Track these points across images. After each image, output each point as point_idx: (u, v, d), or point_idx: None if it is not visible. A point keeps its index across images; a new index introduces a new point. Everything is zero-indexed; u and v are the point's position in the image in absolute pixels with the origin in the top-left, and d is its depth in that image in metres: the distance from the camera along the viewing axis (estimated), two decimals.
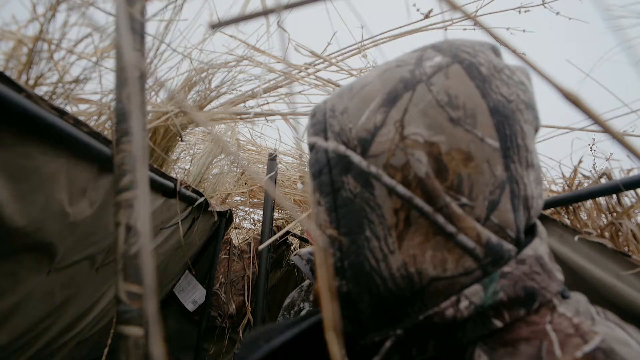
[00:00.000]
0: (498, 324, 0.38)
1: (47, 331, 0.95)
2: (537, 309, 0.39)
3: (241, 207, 2.09)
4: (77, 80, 0.65)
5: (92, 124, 0.72)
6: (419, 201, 0.40)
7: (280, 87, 1.14)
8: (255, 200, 1.92)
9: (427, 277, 0.40)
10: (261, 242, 1.27)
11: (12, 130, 0.58)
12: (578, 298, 0.41)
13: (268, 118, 1.12)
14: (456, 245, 0.40)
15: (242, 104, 1.12)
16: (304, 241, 2.16)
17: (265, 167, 1.90)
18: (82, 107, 0.75)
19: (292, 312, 1.46)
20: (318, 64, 1.11)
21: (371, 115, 0.43)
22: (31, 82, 0.62)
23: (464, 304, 0.38)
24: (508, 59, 0.49)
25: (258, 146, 1.84)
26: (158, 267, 1.42)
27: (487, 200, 0.40)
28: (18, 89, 0.54)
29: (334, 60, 1.10)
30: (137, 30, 0.45)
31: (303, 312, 1.40)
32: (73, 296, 0.96)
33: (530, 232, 0.44)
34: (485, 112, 0.40)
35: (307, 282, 1.53)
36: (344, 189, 0.44)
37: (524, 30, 1.07)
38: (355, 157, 0.43)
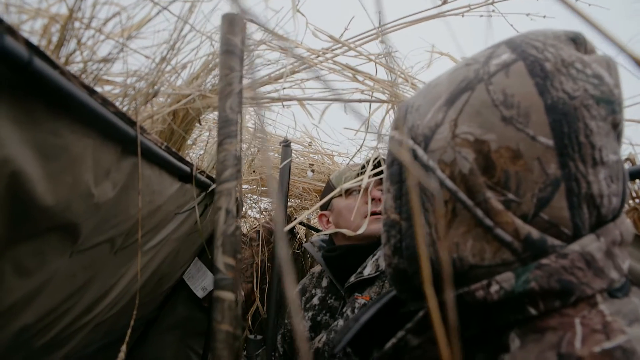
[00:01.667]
0: (532, 311, 0.40)
1: (68, 313, 0.96)
2: (574, 303, 0.40)
3: (248, 195, 2.10)
4: (105, 60, 0.65)
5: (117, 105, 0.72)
6: (462, 195, 0.43)
7: (298, 72, 1.14)
8: (264, 188, 1.92)
9: (467, 264, 0.44)
10: (276, 228, 1.27)
11: (44, 107, 0.58)
12: (634, 300, 0.42)
13: (285, 103, 1.12)
14: (494, 237, 0.42)
15: (258, 89, 1.12)
16: (311, 229, 2.17)
17: (275, 155, 1.90)
18: (107, 88, 0.75)
19: (303, 298, 1.47)
20: (336, 48, 1.11)
21: (434, 113, 0.47)
22: (62, 60, 0.62)
23: (494, 287, 0.41)
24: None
25: (268, 133, 1.84)
26: (170, 254, 1.43)
27: (536, 197, 0.41)
28: (53, 65, 0.54)
29: (352, 45, 1.09)
30: (238, 54, 0.48)
31: (315, 299, 1.42)
32: (93, 279, 0.97)
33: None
34: (540, 110, 0.42)
35: (317, 269, 1.54)
36: (408, 179, 0.49)
37: (544, 16, 1.07)
38: (419, 151, 0.47)
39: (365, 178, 1.04)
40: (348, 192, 1.44)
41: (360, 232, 1.24)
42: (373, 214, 1.32)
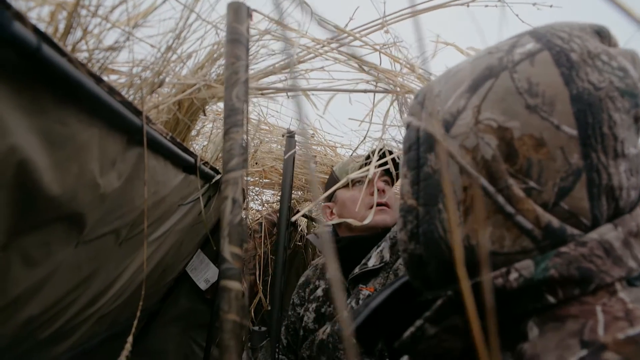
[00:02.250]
0: (551, 299, 0.40)
1: (73, 305, 0.95)
2: (593, 291, 0.40)
3: (250, 187, 2.09)
4: (111, 48, 0.64)
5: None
6: (483, 181, 0.43)
7: (302, 62, 1.13)
8: (266, 180, 1.92)
9: (485, 251, 0.43)
10: (279, 221, 1.26)
11: (51, 95, 0.57)
12: None
13: (289, 94, 1.11)
14: (514, 225, 0.42)
15: (263, 79, 1.11)
16: (313, 221, 2.17)
17: (278, 146, 1.89)
18: (112, 77, 0.74)
19: (307, 289, 1.47)
20: (341, 38, 1.10)
21: (456, 100, 0.47)
22: (69, 48, 0.61)
23: (513, 275, 0.41)
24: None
25: (270, 125, 1.83)
26: (174, 246, 1.43)
27: (557, 186, 0.41)
28: (61, 52, 0.53)
29: (357, 35, 1.08)
30: (244, 43, 0.47)
31: (318, 291, 1.42)
32: (98, 270, 0.97)
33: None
34: (565, 100, 0.41)
35: (321, 261, 1.54)
36: (427, 165, 0.48)
37: (550, 6, 1.06)
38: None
39: (371, 169, 1.03)
40: (352, 183, 1.43)
41: (366, 222, 1.24)
42: (378, 205, 1.31)
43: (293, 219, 0.91)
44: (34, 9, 0.57)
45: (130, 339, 0.79)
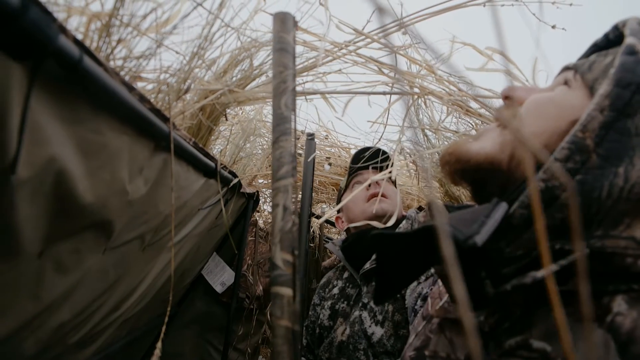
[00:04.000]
0: None
1: (99, 310, 0.96)
2: None
3: (264, 190, 2.10)
4: (143, 57, 0.64)
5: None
6: None
7: (320, 65, 1.13)
8: None
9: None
10: (300, 223, 1.27)
11: (88, 105, 0.58)
12: None
13: (307, 97, 1.12)
14: None
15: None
16: (327, 223, 2.17)
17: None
18: (139, 85, 0.75)
19: (326, 289, 1.49)
20: (359, 41, 1.10)
21: None
22: (102, 57, 0.62)
23: None
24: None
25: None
26: (192, 249, 1.43)
27: None
28: (99, 63, 0.54)
29: (375, 37, 1.09)
30: (291, 52, 0.48)
31: (335, 289, 1.43)
32: (123, 275, 0.97)
33: None
34: None
35: (341, 264, 1.55)
36: (632, 119, 0.41)
37: (570, 4, 1.06)
38: None
39: (375, 177, 1.04)
40: (351, 186, 1.54)
41: (370, 210, 1.34)
42: (374, 195, 1.39)
43: (321, 220, 0.91)
44: (68, 19, 0.58)
45: (159, 344, 0.80)
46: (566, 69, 0.56)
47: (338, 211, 1.58)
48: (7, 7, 0.37)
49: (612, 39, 0.53)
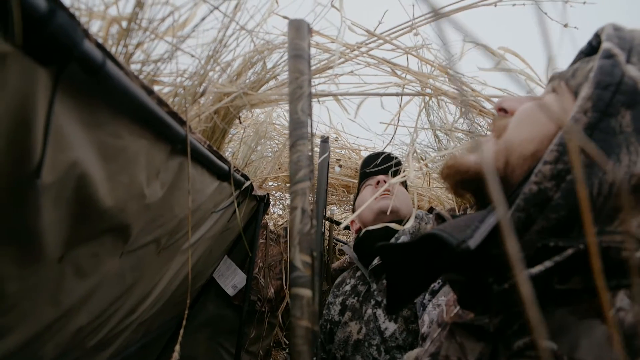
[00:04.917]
0: None
1: (116, 313, 0.97)
2: None
3: (273, 193, 2.10)
4: (161, 60, 0.65)
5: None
6: None
7: (332, 67, 1.13)
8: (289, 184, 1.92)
9: None
10: (317, 224, 1.27)
11: (108, 108, 0.58)
12: None
13: (320, 99, 1.12)
14: None
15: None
16: (335, 224, 2.17)
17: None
18: (156, 88, 0.75)
19: (340, 288, 1.51)
20: (370, 42, 1.10)
21: None
22: (121, 60, 0.62)
23: None
24: None
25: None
26: (204, 252, 1.44)
27: None
28: (120, 67, 0.54)
29: (387, 38, 1.08)
30: (306, 58, 0.48)
31: (347, 287, 1.44)
32: (139, 279, 0.98)
33: None
34: None
35: (354, 265, 1.57)
36: (615, 118, 0.43)
37: (584, 2, 1.05)
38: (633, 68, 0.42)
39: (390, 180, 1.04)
40: (362, 190, 1.58)
41: (376, 206, 1.38)
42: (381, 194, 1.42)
43: (343, 225, 0.91)
44: (89, 23, 0.58)
45: (177, 347, 0.80)
46: (554, 78, 0.58)
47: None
48: (35, 12, 0.37)
49: (595, 46, 0.56)
